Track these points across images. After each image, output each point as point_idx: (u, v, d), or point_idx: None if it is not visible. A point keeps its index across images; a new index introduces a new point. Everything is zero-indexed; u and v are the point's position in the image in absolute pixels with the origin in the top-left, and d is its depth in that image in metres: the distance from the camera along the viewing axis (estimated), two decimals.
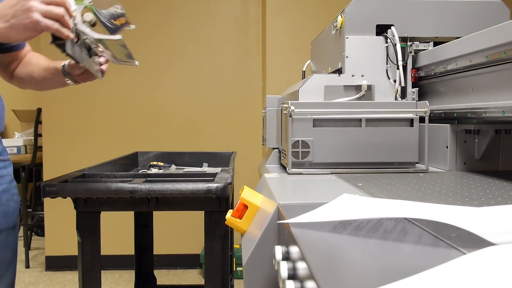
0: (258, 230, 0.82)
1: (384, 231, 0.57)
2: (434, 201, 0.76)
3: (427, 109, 1.12)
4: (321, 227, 0.58)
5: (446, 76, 1.22)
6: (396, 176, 1.07)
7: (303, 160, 1.12)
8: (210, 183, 1.27)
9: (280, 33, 3.11)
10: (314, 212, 0.64)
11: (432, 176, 1.07)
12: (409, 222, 0.60)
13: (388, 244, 0.53)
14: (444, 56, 1.18)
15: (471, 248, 0.46)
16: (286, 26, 3.07)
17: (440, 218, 0.55)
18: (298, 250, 0.51)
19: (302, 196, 0.93)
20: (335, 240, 0.54)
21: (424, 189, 0.89)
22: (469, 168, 1.17)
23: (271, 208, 0.79)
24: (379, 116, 1.14)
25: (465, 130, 1.17)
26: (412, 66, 1.34)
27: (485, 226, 0.52)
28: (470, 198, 0.79)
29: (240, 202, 0.93)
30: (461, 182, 0.97)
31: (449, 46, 1.17)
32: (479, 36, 1.02)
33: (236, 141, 3.31)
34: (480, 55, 1.02)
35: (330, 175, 1.10)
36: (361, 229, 0.58)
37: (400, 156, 1.14)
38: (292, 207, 0.74)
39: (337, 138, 1.13)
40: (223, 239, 1.38)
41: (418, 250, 0.51)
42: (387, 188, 0.90)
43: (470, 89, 1.11)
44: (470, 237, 0.50)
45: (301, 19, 3.05)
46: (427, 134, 1.14)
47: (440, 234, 0.54)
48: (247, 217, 0.92)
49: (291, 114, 1.10)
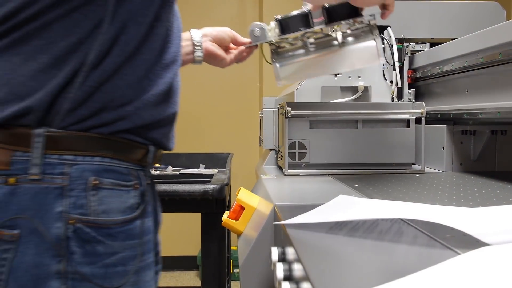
0: (254, 232, 0.82)
1: (379, 232, 0.57)
2: (430, 202, 0.77)
3: (424, 110, 1.13)
4: (317, 228, 0.59)
5: (442, 77, 1.22)
6: (393, 177, 1.07)
7: (300, 161, 1.13)
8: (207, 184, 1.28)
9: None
10: (310, 213, 0.64)
11: (428, 177, 1.07)
12: (404, 223, 0.60)
13: (383, 245, 0.53)
14: (440, 57, 1.19)
15: (466, 249, 0.47)
16: None
17: (436, 219, 0.56)
18: (294, 251, 0.51)
19: (298, 197, 0.94)
20: (331, 241, 0.55)
21: (420, 190, 0.90)
22: (465, 169, 1.17)
23: (268, 209, 0.79)
24: (375, 117, 1.15)
25: (461, 131, 1.17)
26: (409, 67, 1.35)
27: (479, 226, 0.53)
28: (466, 199, 0.79)
29: (236, 204, 0.93)
30: (457, 183, 0.98)
31: (445, 47, 1.18)
32: (475, 37, 1.03)
33: (233, 143, 3.31)
34: (476, 56, 1.03)
35: (326, 176, 1.10)
36: (357, 230, 0.58)
37: (396, 157, 1.15)
38: (289, 208, 0.74)
39: (333, 139, 1.14)
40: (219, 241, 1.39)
41: (413, 251, 0.52)
42: (383, 189, 0.91)
43: (466, 90, 1.12)
44: (465, 238, 0.51)
45: None
46: (423, 135, 1.15)
47: (435, 234, 0.54)
48: (244, 218, 0.92)
49: (287, 115, 1.11)
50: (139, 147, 0.76)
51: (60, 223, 0.69)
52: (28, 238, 0.69)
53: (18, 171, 0.69)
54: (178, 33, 0.80)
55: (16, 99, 0.69)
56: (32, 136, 0.69)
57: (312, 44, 1.05)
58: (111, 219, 0.72)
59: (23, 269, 0.69)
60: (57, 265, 0.69)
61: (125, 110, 0.72)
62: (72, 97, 0.69)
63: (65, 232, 0.69)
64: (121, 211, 0.73)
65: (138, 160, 0.77)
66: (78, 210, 0.70)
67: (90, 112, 0.70)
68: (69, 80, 0.69)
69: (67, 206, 0.69)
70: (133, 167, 0.76)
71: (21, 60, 0.69)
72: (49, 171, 0.69)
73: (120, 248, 0.73)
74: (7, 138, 0.70)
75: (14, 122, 0.70)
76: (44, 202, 0.69)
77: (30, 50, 0.69)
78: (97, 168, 0.71)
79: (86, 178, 0.70)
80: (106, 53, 0.70)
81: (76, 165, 0.70)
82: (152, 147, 0.78)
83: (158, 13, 0.73)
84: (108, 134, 0.72)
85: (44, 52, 0.68)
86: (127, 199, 0.74)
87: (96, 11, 0.69)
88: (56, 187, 0.69)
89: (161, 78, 0.76)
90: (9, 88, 0.69)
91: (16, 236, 0.69)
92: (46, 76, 0.69)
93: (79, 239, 0.70)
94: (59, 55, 0.69)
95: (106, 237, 0.71)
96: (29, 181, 0.69)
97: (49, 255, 0.69)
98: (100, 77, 0.70)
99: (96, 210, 0.71)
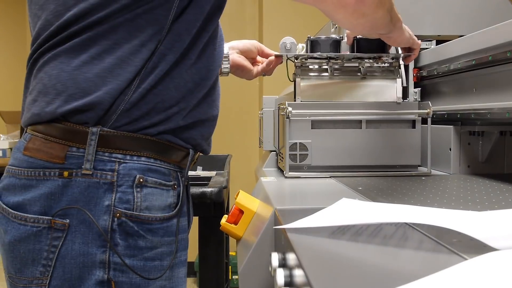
0: (254, 236, 0.83)
1: (384, 237, 0.57)
2: (437, 205, 0.77)
3: (430, 110, 1.13)
4: (319, 233, 0.59)
5: (449, 76, 1.23)
6: (398, 179, 1.08)
7: (301, 163, 1.13)
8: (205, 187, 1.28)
9: (278, 31, 3.12)
10: (312, 217, 0.64)
11: (434, 180, 1.08)
12: (409, 227, 0.61)
13: (388, 250, 0.53)
14: (447, 55, 1.19)
15: (473, 254, 0.47)
16: (284, 24, 3.09)
17: (442, 223, 0.56)
18: (295, 257, 0.51)
19: (299, 201, 0.94)
20: (333, 247, 0.55)
21: (426, 193, 0.90)
22: (473, 171, 1.18)
23: (268, 213, 0.79)
24: (380, 117, 1.15)
25: (469, 132, 1.18)
26: (414, 65, 1.35)
27: (487, 230, 0.53)
28: (473, 202, 0.79)
29: (235, 207, 0.94)
30: (465, 186, 0.98)
31: (451, 45, 1.19)
32: (483, 34, 1.03)
33: (231, 144, 3.31)
34: (484, 53, 1.03)
35: (329, 178, 1.11)
36: (360, 234, 0.58)
37: (401, 159, 1.15)
38: (290, 212, 0.74)
39: (336, 140, 1.14)
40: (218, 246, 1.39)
41: (419, 256, 0.52)
42: (388, 192, 0.91)
43: (474, 89, 1.12)
44: (472, 243, 0.51)
45: (299, 16, 3.07)
46: (429, 136, 1.15)
47: (441, 239, 0.54)
48: (243, 222, 0.92)
49: (288, 115, 1.11)
50: (180, 149, 0.84)
51: (107, 216, 0.76)
52: (77, 228, 0.76)
53: (72, 165, 0.77)
54: (221, 42, 0.91)
55: (81, 93, 0.76)
56: (89, 133, 0.76)
57: (336, 70, 1.17)
58: (153, 215, 0.79)
59: (71, 257, 0.76)
60: (102, 255, 0.77)
61: (172, 111, 0.80)
62: (128, 98, 0.77)
63: (111, 225, 0.77)
64: (161, 209, 0.80)
65: (178, 162, 0.84)
66: (124, 204, 0.77)
67: (142, 113, 0.78)
68: (130, 82, 0.77)
69: (114, 201, 0.77)
70: (173, 169, 0.84)
71: (89, 58, 0.76)
72: (100, 167, 0.77)
73: (158, 244, 0.80)
74: (64, 134, 0.77)
75: (72, 118, 0.77)
76: (94, 196, 0.76)
77: (98, 50, 0.76)
78: (143, 167, 0.79)
79: (133, 176, 0.78)
80: (162, 59, 0.78)
81: (124, 163, 0.78)
82: (192, 151, 0.86)
83: (206, 23, 0.82)
84: (155, 135, 0.80)
85: (110, 52, 0.76)
86: (167, 198, 0.82)
87: (158, 19, 0.77)
88: (105, 182, 0.77)
89: (206, 80, 0.84)
90: (75, 83, 0.76)
91: (67, 226, 0.76)
92: (111, 74, 0.76)
93: (123, 232, 0.77)
94: (123, 56, 0.76)
95: (147, 232, 0.78)
96: (81, 175, 0.76)
97: (95, 245, 0.76)
98: (154, 79, 0.78)
99: (140, 206, 0.78)
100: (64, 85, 0.76)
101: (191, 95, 0.83)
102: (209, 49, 0.84)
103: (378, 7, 0.88)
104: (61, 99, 0.76)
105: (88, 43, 0.76)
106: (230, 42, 1.14)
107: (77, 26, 0.76)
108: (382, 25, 0.96)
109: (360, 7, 0.85)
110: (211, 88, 0.87)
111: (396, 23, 0.98)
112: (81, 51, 0.76)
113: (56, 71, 0.77)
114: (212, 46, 0.85)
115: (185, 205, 0.88)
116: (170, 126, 0.81)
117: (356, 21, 0.89)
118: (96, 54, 0.76)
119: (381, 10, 0.89)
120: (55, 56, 0.78)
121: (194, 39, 0.81)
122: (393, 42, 1.07)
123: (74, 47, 0.77)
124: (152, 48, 0.77)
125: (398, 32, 1.03)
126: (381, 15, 0.90)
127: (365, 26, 0.93)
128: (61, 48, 0.77)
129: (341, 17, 0.89)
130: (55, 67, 0.77)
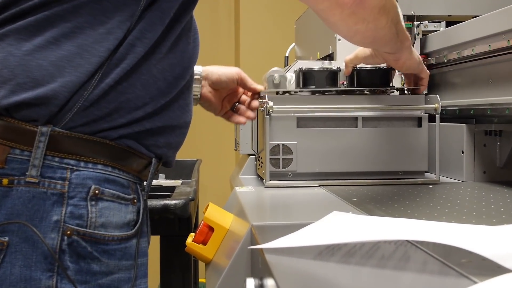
0: (226, 259, 0.83)
1: (381, 258, 0.58)
2: (445, 219, 0.79)
3: (438, 105, 1.15)
4: (304, 254, 0.59)
5: (461, 63, 1.25)
6: (400, 188, 1.09)
7: (285, 169, 1.14)
8: (167, 199, 1.28)
9: (258, 8, 3.13)
10: (296, 235, 0.65)
11: (444, 188, 1.09)
12: (412, 246, 0.62)
13: (386, 274, 0.54)
14: (459, 40, 1.21)
15: (484, 276, 0.48)
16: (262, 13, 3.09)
17: (450, 240, 0.57)
18: (274, 284, 0.52)
19: (281, 215, 0.94)
20: (320, 270, 0.56)
21: (433, 204, 0.91)
22: (490, 178, 1.20)
23: (243, 231, 0.80)
24: (379, 114, 1.16)
25: (485, 131, 1.20)
26: (420, 52, 1.37)
27: (502, 248, 0.54)
28: (488, 215, 0.81)
29: (204, 224, 0.94)
30: (479, 196, 1.00)
31: (464, 27, 1.21)
32: (500, 14, 1.05)
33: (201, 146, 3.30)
34: (501, 38, 1.05)
35: (318, 188, 1.12)
36: (353, 255, 0.59)
37: (405, 164, 1.17)
38: (269, 228, 0.75)
39: (327, 142, 1.15)
40: (184, 272, 1.39)
41: (422, 280, 0.53)
42: (388, 203, 0.92)
43: (490, 80, 1.14)
44: (484, 263, 0.52)
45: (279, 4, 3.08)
46: (438, 136, 1.16)
47: (448, 260, 0.55)
48: (213, 242, 0.92)
49: (268, 111, 1.11)
50: (141, 157, 0.84)
51: (55, 233, 0.75)
52: (18, 248, 0.75)
53: (14, 171, 0.75)
54: (196, 35, 0.91)
55: (32, 83, 0.75)
56: (37, 133, 0.75)
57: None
58: (109, 234, 0.78)
59: (9, 283, 0.75)
60: (48, 281, 0.75)
61: (137, 113, 0.80)
62: (88, 94, 0.76)
63: (60, 244, 0.75)
64: (119, 227, 0.80)
65: (138, 172, 0.85)
66: (76, 220, 0.76)
67: (102, 113, 0.78)
68: (91, 75, 0.76)
69: (64, 215, 0.76)
70: (132, 180, 0.84)
71: (45, 42, 0.75)
72: (48, 175, 0.76)
73: (115, 269, 0.79)
74: (5, 132, 0.76)
75: (18, 113, 0.75)
76: (40, 209, 0.75)
77: (56, 33, 0.75)
78: (99, 176, 0.79)
79: (88, 187, 0.77)
80: (130, 50, 0.78)
81: (78, 171, 0.77)
82: (155, 160, 0.86)
83: (180, 12, 0.82)
84: (114, 139, 0.79)
85: (69, 38, 0.75)
86: (126, 214, 0.82)
87: (128, 4, 0.77)
88: (54, 193, 0.76)
89: (180, 79, 0.85)
90: (26, 70, 0.75)
91: (5, 244, 0.74)
92: (69, 64, 0.75)
93: (74, 253, 0.76)
94: (85, 44, 0.76)
95: (102, 254, 0.78)
96: (25, 183, 0.75)
97: (39, 268, 0.75)
98: (119, 74, 0.77)
99: (94, 222, 0.77)
100: (12, 72, 0.75)
101: (161, 95, 0.83)
102: (181, 42, 0.85)
103: (381, 13, 0.89)
104: (7, 88, 0.75)
105: (44, 24, 0.75)
106: (207, 68, 1.15)
107: (32, 2, 0.75)
108: (386, 39, 0.97)
109: (359, 10, 0.86)
110: (185, 89, 0.88)
111: (404, 41, 1.00)
112: (35, 33, 0.75)
113: (2, 54, 0.75)
114: (185, 39, 0.86)
115: (145, 224, 0.88)
116: (134, 129, 0.81)
117: (355, 26, 0.90)
118: (53, 38, 0.75)
119: (383, 18, 0.90)
120: (2, 36, 0.76)
121: (166, 30, 0.81)
122: (401, 66, 1.09)
123: (27, 27, 0.75)
124: (119, 37, 0.77)
125: (407, 53, 1.04)
126: (384, 25, 0.92)
127: (365, 36, 0.94)
128: (10, 27, 0.76)
129: (337, 19, 0.90)
130: (1, 50, 0.76)
